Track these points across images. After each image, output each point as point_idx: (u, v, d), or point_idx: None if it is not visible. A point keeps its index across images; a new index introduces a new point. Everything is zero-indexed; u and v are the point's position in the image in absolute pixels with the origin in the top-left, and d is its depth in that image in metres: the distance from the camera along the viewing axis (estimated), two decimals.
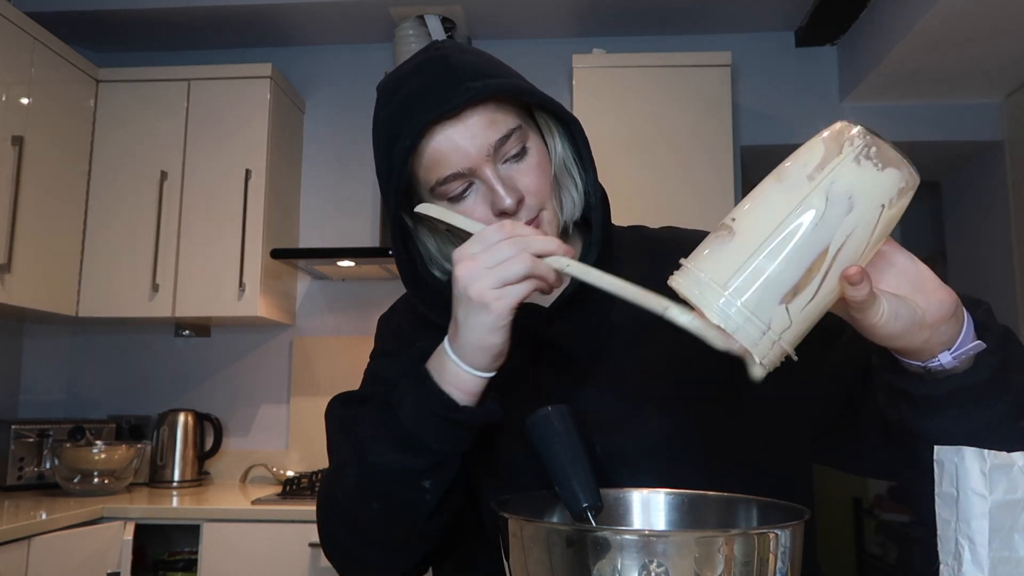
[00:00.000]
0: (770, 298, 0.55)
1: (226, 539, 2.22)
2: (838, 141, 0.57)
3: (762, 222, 0.56)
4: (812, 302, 0.56)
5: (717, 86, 2.60)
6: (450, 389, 0.70)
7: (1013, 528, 0.53)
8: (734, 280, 0.56)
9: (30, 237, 2.41)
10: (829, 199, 0.55)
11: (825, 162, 0.56)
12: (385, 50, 3.05)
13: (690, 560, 0.52)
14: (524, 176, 0.77)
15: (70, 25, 2.87)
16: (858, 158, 0.55)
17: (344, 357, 2.90)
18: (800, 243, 0.55)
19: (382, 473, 0.72)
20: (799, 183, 0.56)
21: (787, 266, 0.55)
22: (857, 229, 0.55)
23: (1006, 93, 2.85)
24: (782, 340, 0.56)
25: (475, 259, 0.67)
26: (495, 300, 0.66)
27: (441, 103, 0.73)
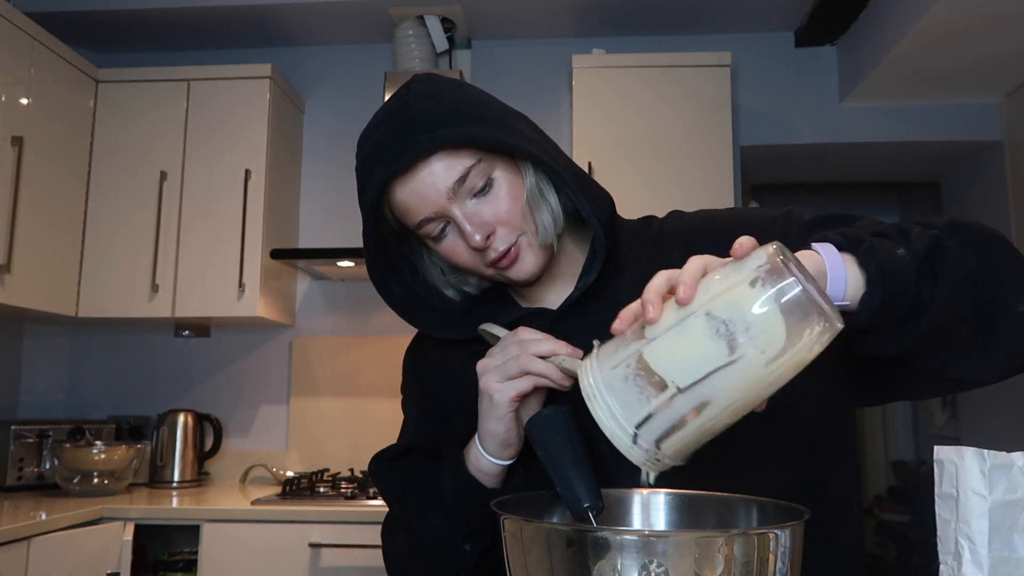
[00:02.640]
0: (648, 435, 0.57)
1: (226, 539, 2.22)
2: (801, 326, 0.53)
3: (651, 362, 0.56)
4: (691, 437, 0.57)
5: (717, 86, 2.60)
6: (477, 473, 0.80)
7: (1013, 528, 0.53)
8: (623, 407, 0.57)
9: (30, 237, 2.41)
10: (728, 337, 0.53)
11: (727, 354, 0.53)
12: (385, 50, 3.05)
13: (690, 560, 0.52)
14: (490, 207, 0.81)
15: (70, 25, 2.87)
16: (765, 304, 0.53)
17: (344, 357, 2.90)
18: (707, 388, 0.55)
19: (430, 541, 0.84)
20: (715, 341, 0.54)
21: (687, 405, 0.56)
22: (760, 378, 0.54)
23: (1006, 93, 2.86)
24: (650, 464, 0.58)
25: (491, 356, 0.78)
26: (497, 392, 0.76)
27: (393, 162, 0.78)
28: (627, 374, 0.57)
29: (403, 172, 0.79)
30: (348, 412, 2.85)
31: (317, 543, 2.19)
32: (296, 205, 3.01)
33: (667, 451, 0.57)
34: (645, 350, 0.56)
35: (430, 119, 0.79)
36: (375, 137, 0.82)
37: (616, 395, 0.57)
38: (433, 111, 0.80)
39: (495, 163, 0.82)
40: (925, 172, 3.40)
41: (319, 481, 2.57)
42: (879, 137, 2.93)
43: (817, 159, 3.15)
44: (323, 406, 2.89)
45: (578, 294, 0.85)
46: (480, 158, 0.80)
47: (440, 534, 0.82)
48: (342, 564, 2.19)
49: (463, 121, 0.80)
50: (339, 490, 2.49)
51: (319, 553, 2.20)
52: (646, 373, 0.56)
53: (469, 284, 0.92)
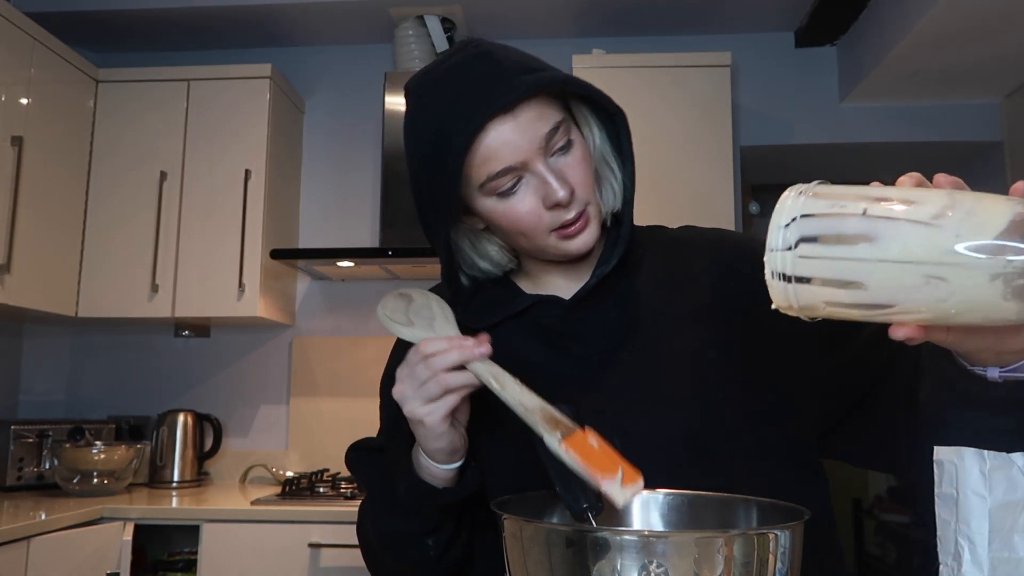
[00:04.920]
0: (814, 294, 0.53)
1: (226, 539, 2.22)
2: (1010, 241, 0.48)
3: (881, 242, 0.50)
4: (847, 313, 0.53)
5: (717, 86, 2.60)
6: (428, 478, 0.79)
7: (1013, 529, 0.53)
8: (804, 257, 0.52)
9: (30, 237, 2.41)
10: (929, 281, 0.49)
11: (967, 249, 0.48)
12: (385, 50, 3.05)
13: (690, 560, 0.52)
14: (572, 169, 0.79)
15: (70, 25, 2.87)
16: (995, 278, 0.47)
17: (344, 357, 2.89)
18: (871, 284, 0.51)
19: (392, 536, 0.85)
20: (940, 248, 0.49)
21: (846, 269, 0.51)
22: (930, 311, 0.50)
23: (1006, 93, 2.85)
24: (800, 314, 0.55)
25: (402, 382, 0.75)
26: (426, 416, 0.73)
27: (494, 100, 0.74)
28: (823, 270, 0.52)
29: (501, 112, 0.75)
30: (348, 412, 2.85)
31: (317, 543, 2.19)
32: (296, 205, 3.01)
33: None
34: (854, 264, 0.51)
35: (522, 64, 0.78)
36: (459, 81, 0.77)
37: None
38: (520, 58, 0.79)
39: (571, 126, 0.81)
40: (925, 172, 3.39)
41: (319, 481, 2.57)
42: (879, 137, 2.93)
43: (817, 159, 3.15)
44: (323, 406, 2.89)
45: (595, 281, 0.84)
46: (564, 116, 0.79)
47: (402, 531, 0.83)
48: (342, 564, 2.18)
49: (551, 69, 0.79)
50: (339, 490, 2.49)
51: (319, 553, 2.20)
52: (847, 269, 0.51)
53: (491, 262, 0.89)
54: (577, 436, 0.68)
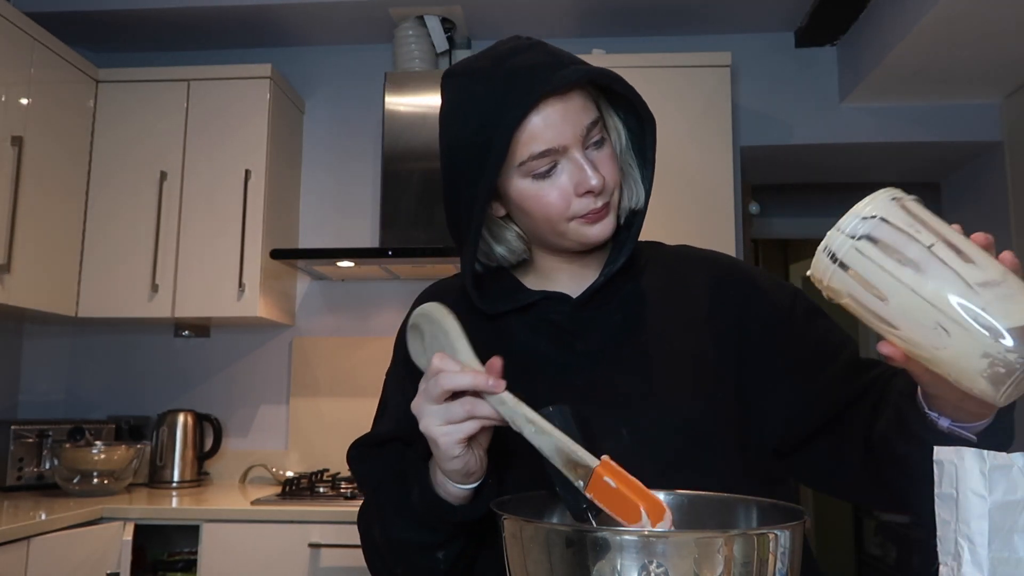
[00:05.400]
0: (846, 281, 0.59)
1: (226, 540, 2.22)
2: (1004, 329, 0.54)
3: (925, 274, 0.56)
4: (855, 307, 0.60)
5: (717, 86, 2.60)
6: (443, 494, 0.77)
7: (1013, 529, 0.53)
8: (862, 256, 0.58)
9: (30, 237, 2.41)
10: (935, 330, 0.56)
11: (985, 326, 0.54)
12: (385, 50, 3.05)
13: (690, 561, 0.52)
14: (603, 163, 0.83)
15: (70, 25, 2.87)
16: (984, 356, 0.54)
17: (344, 358, 2.89)
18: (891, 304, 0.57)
19: (402, 545, 0.83)
20: (965, 309, 0.55)
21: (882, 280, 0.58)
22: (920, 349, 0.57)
23: (1006, 93, 2.85)
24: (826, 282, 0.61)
25: (419, 396, 0.73)
26: (441, 436, 0.71)
27: (549, 79, 0.78)
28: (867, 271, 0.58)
29: (555, 95, 0.79)
30: (348, 412, 2.85)
31: (317, 543, 2.19)
32: (296, 205, 3.01)
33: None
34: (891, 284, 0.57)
35: (571, 56, 0.83)
36: (522, 59, 0.80)
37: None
38: (566, 52, 0.84)
39: (603, 126, 0.85)
40: (925, 172, 3.40)
41: (319, 481, 2.57)
42: (879, 137, 2.93)
43: (817, 159, 3.15)
44: (323, 406, 2.89)
45: (603, 280, 0.87)
46: (600, 116, 0.84)
47: (413, 541, 0.81)
48: (342, 564, 2.18)
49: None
50: (339, 490, 2.49)
51: (319, 553, 2.20)
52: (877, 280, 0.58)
53: (508, 248, 0.90)
54: (596, 480, 0.66)
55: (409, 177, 2.70)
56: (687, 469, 0.79)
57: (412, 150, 2.72)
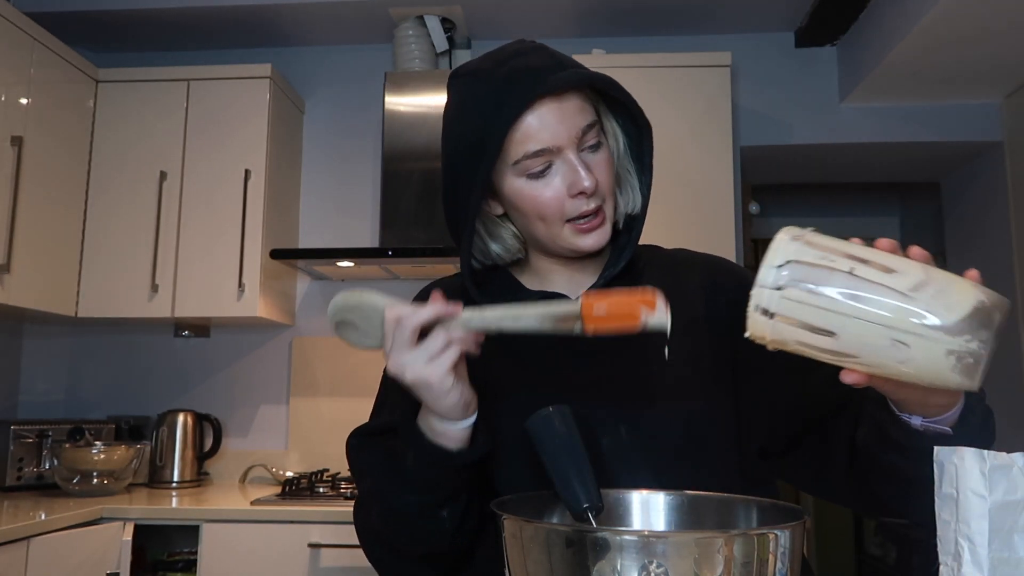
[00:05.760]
0: (789, 331, 0.60)
1: (225, 540, 2.22)
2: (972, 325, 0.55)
3: (862, 301, 0.57)
4: (810, 352, 0.60)
5: (717, 86, 2.60)
6: (440, 440, 0.77)
7: (1013, 529, 0.53)
8: (790, 301, 0.59)
9: (29, 237, 2.41)
10: (894, 344, 0.56)
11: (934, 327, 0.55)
12: (385, 50, 3.05)
13: (690, 561, 0.52)
14: (598, 166, 0.84)
15: (70, 25, 2.87)
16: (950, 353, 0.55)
17: (344, 358, 2.89)
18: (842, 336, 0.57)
19: (403, 512, 0.81)
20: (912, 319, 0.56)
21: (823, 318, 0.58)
22: (885, 369, 0.58)
23: (1006, 93, 2.85)
24: (771, 345, 0.61)
25: (393, 351, 0.73)
26: (431, 374, 0.72)
27: (546, 81, 0.80)
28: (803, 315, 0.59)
29: (551, 95, 0.80)
30: (348, 412, 2.84)
31: (317, 543, 2.19)
32: (296, 205, 3.01)
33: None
34: (832, 316, 0.58)
35: (572, 60, 0.84)
36: (523, 61, 0.82)
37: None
38: (567, 56, 0.85)
39: (600, 131, 0.86)
40: (925, 172, 3.40)
41: (319, 481, 2.57)
42: (879, 137, 2.92)
43: (817, 159, 3.15)
44: (323, 406, 2.89)
45: (603, 283, 0.88)
46: (597, 120, 0.85)
47: (415, 507, 0.80)
48: (341, 564, 2.18)
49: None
50: (339, 490, 2.49)
51: (319, 553, 2.20)
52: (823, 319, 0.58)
53: (503, 246, 0.92)
54: (587, 316, 0.68)
55: (409, 177, 2.70)
56: (685, 467, 0.80)
57: (412, 150, 2.72)
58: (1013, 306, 2.81)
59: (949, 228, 3.43)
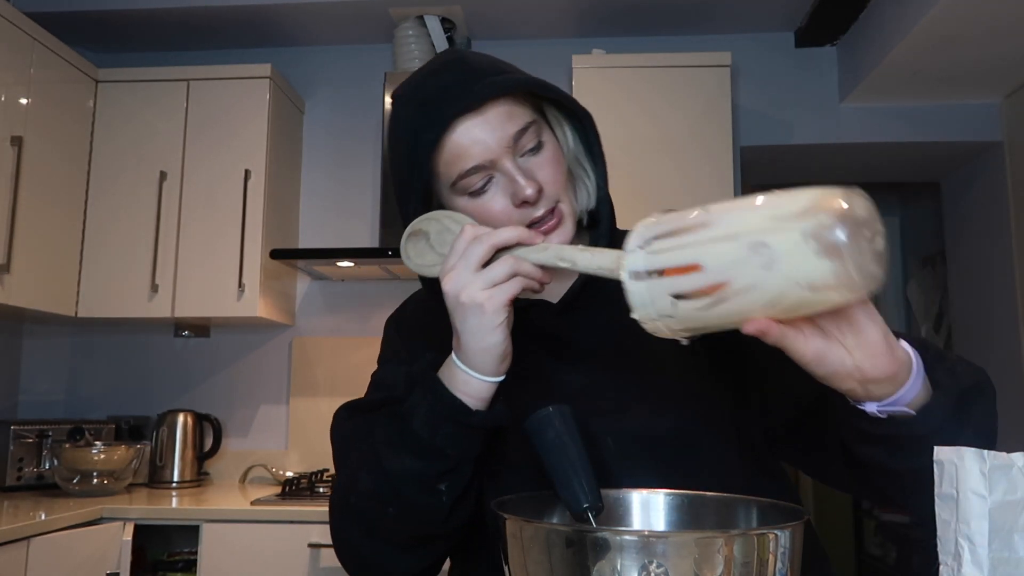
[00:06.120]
0: (663, 286, 0.59)
1: (225, 540, 2.22)
2: (819, 206, 0.54)
3: (715, 226, 0.58)
4: (698, 313, 0.58)
5: (717, 86, 2.60)
6: (461, 395, 0.73)
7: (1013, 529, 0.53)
8: (653, 253, 0.60)
9: (29, 237, 2.41)
10: (754, 249, 0.55)
11: (784, 216, 0.54)
12: (385, 50, 3.05)
13: (690, 561, 0.52)
14: (541, 168, 0.80)
15: (70, 25, 2.87)
16: (806, 236, 0.53)
17: (344, 358, 2.89)
18: (707, 264, 0.57)
19: (399, 479, 0.75)
20: (761, 219, 0.56)
21: (686, 254, 0.58)
22: (761, 287, 0.55)
23: (1006, 93, 2.85)
24: (661, 321, 0.60)
25: (455, 268, 0.71)
26: (487, 300, 0.69)
27: (463, 97, 0.77)
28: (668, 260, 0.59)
29: (468, 112, 0.77)
30: None
31: (317, 543, 2.19)
32: (296, 205, 3.01)
33: (679, 313, 0.58)
34: (693, 249, 0.58)
35: (493, 67, 0.81)
36: (433, 83, 0.80)
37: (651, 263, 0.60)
38: (492, 62, 0.82)
39: (543, 128, 0.83)
40: (925, 172, 3.40)
41: (319, 481, 2.57)
42: (879, 137, 2.93)
43: (817, 159, 3.15)
44: (323, 406, 2.89)
45: (580, 284, 0.86)
46: (536, 119, 0.81)
47: (412, 472, 0.74)
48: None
49: (523, 73, 0.82)
50: None
51: (318, 553, 2.20)
52: (683, 256, 0.58)
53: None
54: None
55: None
56: (679, 474, 0.77)
57: None
58: (1013, 305, 2.81)
59: (949, 228, 3.43)
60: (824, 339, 0.60)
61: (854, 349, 0.60)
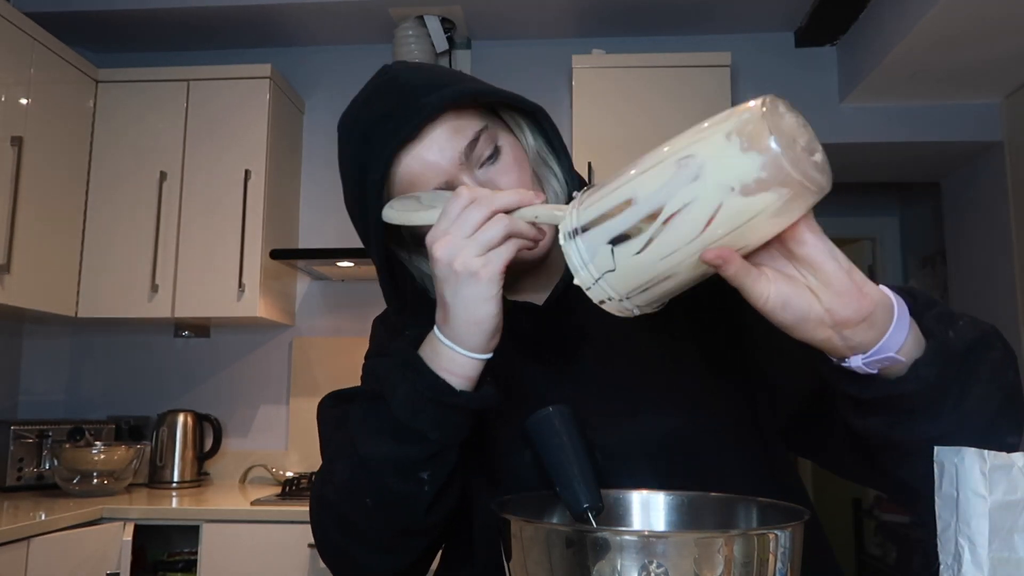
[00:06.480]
0: (599, 235, 0.57)
1: (225, 540, 2.22)
2: (739, 108, 0.54)
3: (642, 161, 0.56)
4: (641, 255, 0.56)
5: (717, 86, 2.60)
6: (445, 374, 0.66)
7: (1013, 529, 0.53)
8: (586, 207, 0.58)
9: (29, 237, 2.41)
10: (681, 164, 0.53)
11: (705, 127, 0.54)
12: (385, 50, 3.05)
13: (690, 561, 0.52)
14: (503, 176, 0.77)
15: (70, 25, 2.87)
16: (729, 134, 0.52)
17: (344, 358, 2.89)
18: (638, 195, 0.55)
19: (377, 466, 0.69)
20: (686, 137, 0.55)
21: (617, 194, 0.57)
22: (695, 202, 0.52)
23: (1006, 93, 2.85)
24: (604, 280, 0.58)
25: (448, 233, 0.65)
26: (483, 267, 0.63)
27: (400, 128, 0.73)
28: (601, 206, 0.58)
29: (411, 139, 0.73)
30: None
31: None
32: (296, 205, 3.01)
33: (620, 263, 0.56)
34: (623, 187, 0.57)
35: (427, 83, 0.75)
36: (368, 114, 0.76)
37: (588, 233, 0.59)
38: (427, 77, 0.76)
39: (498, 130, 0.79)
40: (925, 172, 3.40)
41: None
42: (879, 137, 2.93)
43: None
44: None
45: (564, 286, 0.81)
46: (486, 124, 0.77)
47: (391, 458, 0.68)
48: None
49: (461, 81, 0.77)
50: None
51: (318, 554, 2.19)
52: (614, 197, 0.57)
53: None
54: None
55: None
56: (675, 480, 0.74)
57: None
58: (1013, 305, 2.81)
59: (949, 228, 3.43)
60: (788, 282, 0.56)
61: (819, 290, 0.56)
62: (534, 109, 0.80)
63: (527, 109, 0.80)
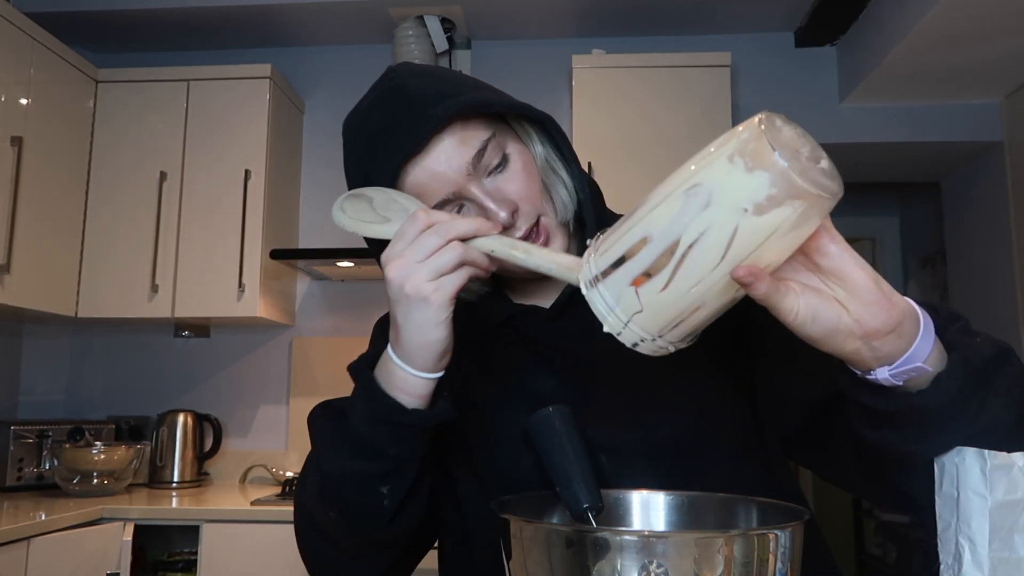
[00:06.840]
0: (620, 278, 0.56)
1: (225, 540, 2.22)
2: (736, 130, 0.53)
3: (650, 199, 0.56)
4: (666, 291, 0.55)
5: (717, 86, 2.60)
6: (397, 393, 0.68)
7: (1013, 529, 0.53)
8: (601, 253, 0.58)
9: (29, 237, 2.41)
10: (689, 195, 0.53)
11: (706, 154, 0.53)
12: (385, 50, 3.05)
13: (690, 561, 0.52)
14: (511, 184, 0.76)
15: (70, 25, 2.87)
16: (731, 157, 0.51)
17: (344, 358, 2.87)
18: (653, 231, 0.54)
19: (339, 481, 0.71)
20: (688, 169, 0.54)
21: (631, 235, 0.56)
22: (711, 230, 0.52)
23: (1006, 93, 2.85)
24: (634, 322, 0.57)
25: (403, 256, 0.65)
26: (433, 292, 0.64)
27: (405, 141, 0.72)
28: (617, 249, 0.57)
29: (416, 154, 0.73)
30: None
31: None
32: (296, 205, 3.01)
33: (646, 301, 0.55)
34: (637, 227, 0.56)
35: (433, 91, 0.74)
36: (373, 123, 0.76)
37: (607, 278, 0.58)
38: (434, 85, 0.76)
39: (506, 137, 0.78)
40: (925, 172, 3.40)
41: None
42: (879, 137, 2.93)
43: None
44: None
45: (571, 290, 0.81)
46: (493, 132, 0.76)
47: (350, 473, 0.70)
48: None
49: (468, 90, 0.76)
50: None
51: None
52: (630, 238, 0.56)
53: (467, 290, 0.84)
54: None
55: None
56: (677, 484, 0.73)
57: None
58: (1013, 305, 2.81)
59: (949, 228, 3.43)
60: (815, 295, 0.55)
61: (847, 300, 0.55)
62: (543, 119, 0.80)
63: (535, 118, 0.80)
